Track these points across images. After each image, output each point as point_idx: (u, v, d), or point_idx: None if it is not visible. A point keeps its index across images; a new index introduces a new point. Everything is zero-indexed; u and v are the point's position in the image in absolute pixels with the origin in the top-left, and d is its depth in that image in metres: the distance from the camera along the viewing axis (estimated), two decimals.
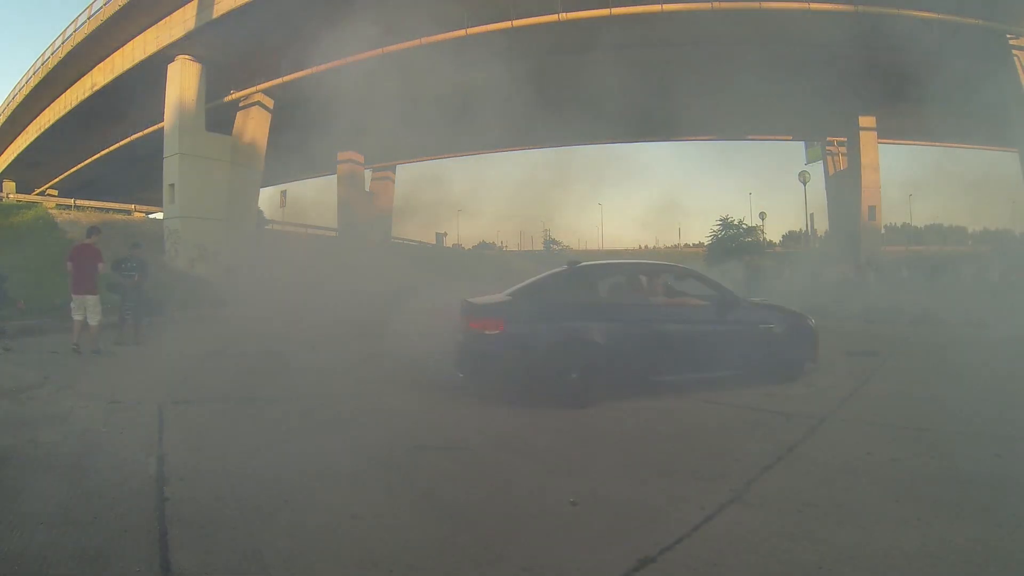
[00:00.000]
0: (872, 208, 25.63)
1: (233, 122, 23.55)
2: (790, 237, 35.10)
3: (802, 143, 29.00)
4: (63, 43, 24.34)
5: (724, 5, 18.24)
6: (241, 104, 23.44)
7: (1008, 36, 18.35)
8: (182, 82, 21.63)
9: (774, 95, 20.51)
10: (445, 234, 32.59)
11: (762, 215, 32.46)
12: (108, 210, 26.35)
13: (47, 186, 33.05)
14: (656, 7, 18.33)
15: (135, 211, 27.61)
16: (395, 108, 19.89)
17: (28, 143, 31.14)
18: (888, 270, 21.70)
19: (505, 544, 2.49)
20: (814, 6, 18.02)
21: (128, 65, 22.53)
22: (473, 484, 3.22)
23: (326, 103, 20.73)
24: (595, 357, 5.02)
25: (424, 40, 19.50)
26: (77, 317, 7.76)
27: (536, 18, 18.68)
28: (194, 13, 19.99)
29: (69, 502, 2.83)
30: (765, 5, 18.12)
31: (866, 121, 25.30)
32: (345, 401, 5.26)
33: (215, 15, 19.45)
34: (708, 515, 2.75)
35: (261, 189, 25.98)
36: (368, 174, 33.34)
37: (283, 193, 32.39)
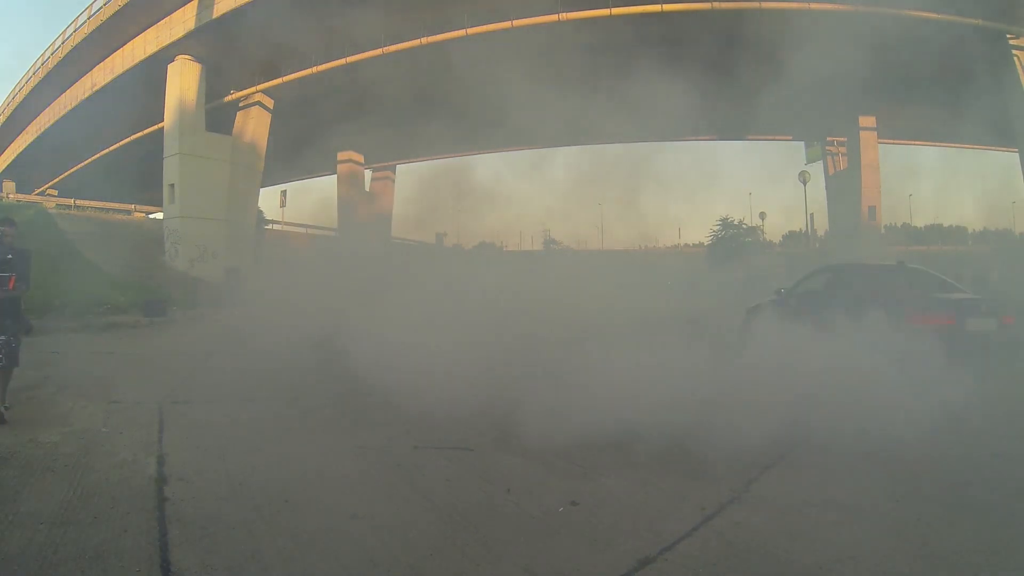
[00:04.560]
0: (872, 208, 25.61)
1: (233, 122, 23.56)
2: (790, 237, 35.05)
3: (802, 143, 28.99)
4: (63, 43, 24.36)
5: (724, 5, 18.25)
6: (241, 104, 23.44)
7: (1008, 36, 18.34)
8: (182, 82, 21.65)
9: (774, 95, 20.51)
10: (445, 234, 32.53)
11: (762, 215, 32.37)
12: (108, 210, 26.38)
13: (47, 186, 33.05)
14: (656, 7, 18.34)
15: (135, 211, 27.63)
16: (395, 108, 19.89)
17: (28, 143, 31.16)
18: None
19: (505, 544, 2.49)
20: (814, 6, 18.03)
21: (128, 65, 22.55)
22: (473, 484, 3.22)
23: (326, 103, 20.74)
24: None
25: (424, 40, 19.52)
26: None
27: (536, 18, 18.70)
28: (194, 13, 20.00)
29: (69, 502, 2.83)
30: (765, 5, 18.12)
31: (866, 121, 25.27)
32: (345, 400, 5.25)
33: (215, 15, 19.46)
34: (708, 515, 2.76)
35: (261, 189, 26.00)
36: (368, 174, 33.34)
37: (283, 193, 32.39)
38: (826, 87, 19.11)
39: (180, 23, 20.59)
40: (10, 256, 4.60)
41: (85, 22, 22.60)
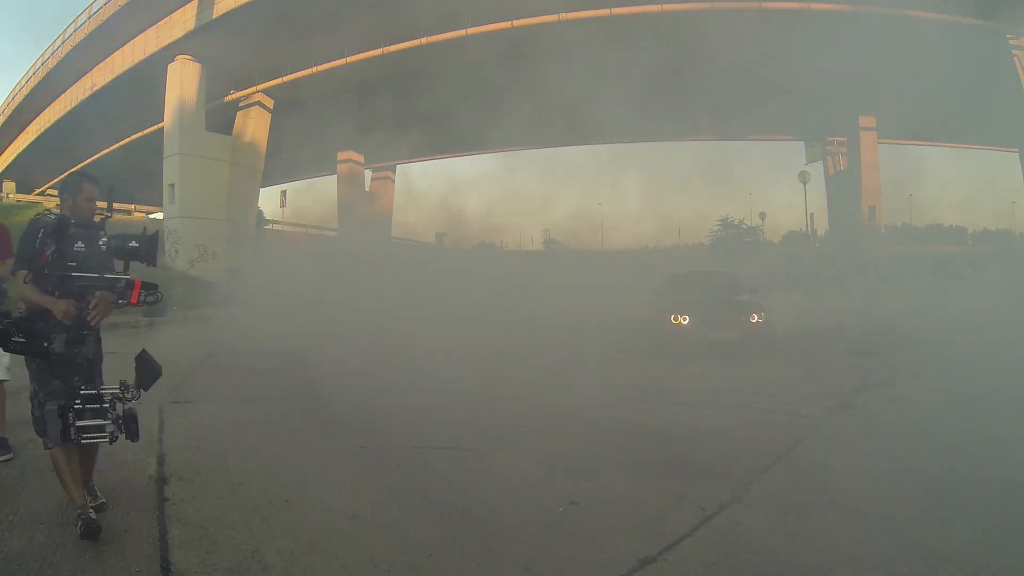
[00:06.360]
0: (872, 208, 25.62)
1: (233, 122, 23.56)
2: (790, 237, 34.96)
3: (802, 143, 28.96)
4: (63, 43, 24.36)
5: (723, 5, 18.25)
6: (241, 104, 23.46)
7: (1008, 36, 18.35)
8: (182, 82, 21.66)
9: (774, 95, 20.51)
10: (445, 234, 32.51)
11: (762, 215, 32.26)
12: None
13: (47, 186, 33.04)
14: (656, 7, 18.35)
15: (135, 211, 27.66)
16: (395, 108, 19.90)
17: (28, 143, 31.15)
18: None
19: (505, 544, 2.49)
20: (814, 6, 18.04)
21: (128, 65, 22.55)
22: (473, 484, 3.22)
23: (326, 103, 20.76)
24: None
25: (424, 40, 19.52)
26: None
27: (535, 18, 18.70)
28: (194, 13, 20.02)
29: (69, 502, 2.82)
30: (765, 5, 18.13)
31: (866, 121, 25.28)
32: (346, 400, 5.25)
33: (215, 15, 19.47)
34: (708, 515, 2.76)
35: (261, 189, 26.00)
36: (368, 174, 33.33)
37: (283, 193, 32.36)
38: (826, 87, 19.14)
39: (180, 23, 20.60)
40: (134, 244, 2.56)
41: (85, 22, 22.61)
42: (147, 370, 2.69)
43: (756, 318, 7.54)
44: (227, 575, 2.23)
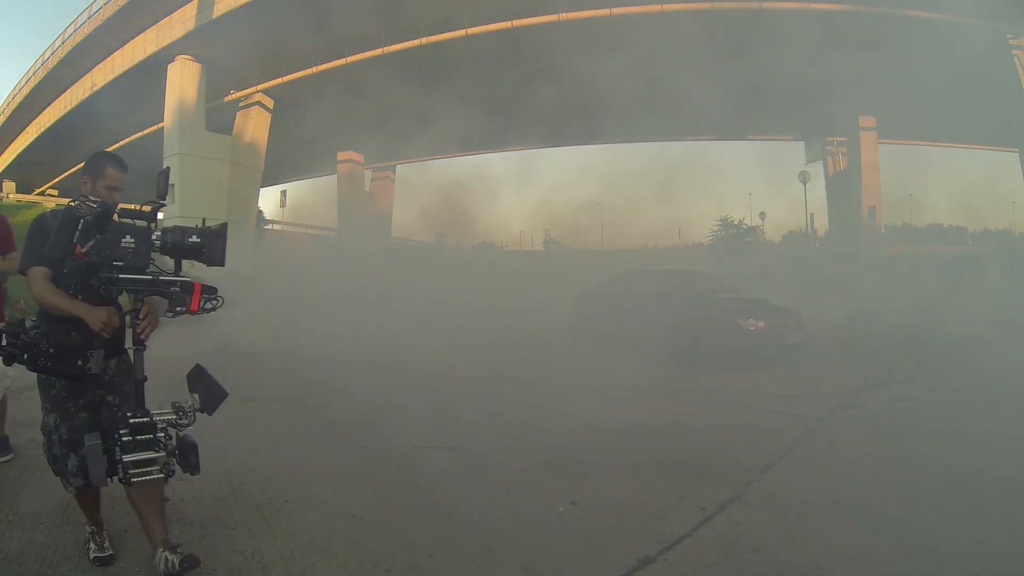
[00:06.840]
0: (872, 208, 25.63)
1: (233, 122, 23.58)
2: (790, 237, 34.95)
3: (802, 143, 28.94)
4: (63, 43, 24.40)
5: (724, 5, 18.26)
6: (241, 104, 23.48)
7: (1008, 36, 18.35)
8: (182, 82, 21.69)
9: (774, 95, 20.52)
10: (445, 234, 32.48)
11: (762, 215, 32.25)
12: None
13: (47, 186, 33.09)
14: (656, 7, 18.35)
15: None
16: (395, 108, 19.91)
17: (28, 143, 31.18)
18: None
19: (505, 544, 2.49)
20: (814, 6, 18.04)
21: (128, 65, 22.58)
22: (473, 484, 3.22)
23: (326, 103, 20.77)
24: None
25: (424, 40, 19.53)
26: None
27: (535, 18, 18.70)
28: (194, 13, 20.05)
29: (69, 502, 2.81)
30: (765, 5, 18.13)
31: (866, 121, 25.28)
32: (346, 400, 5.25)
33: (215, 15, 19.50)
34: (708, 515, 2.76)
35: (261, 189, 26.01)
36: (368, 174, 33.34)
37: (283, 193, 32.37)
38: (826, 87, 19.14)
39: (180, 23, 20.63)
40: (196, 239, 2.21)
41: (85, 22, 22.64)
42: (212, 390, 2.25)
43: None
44: (227, 575, 2.23)
